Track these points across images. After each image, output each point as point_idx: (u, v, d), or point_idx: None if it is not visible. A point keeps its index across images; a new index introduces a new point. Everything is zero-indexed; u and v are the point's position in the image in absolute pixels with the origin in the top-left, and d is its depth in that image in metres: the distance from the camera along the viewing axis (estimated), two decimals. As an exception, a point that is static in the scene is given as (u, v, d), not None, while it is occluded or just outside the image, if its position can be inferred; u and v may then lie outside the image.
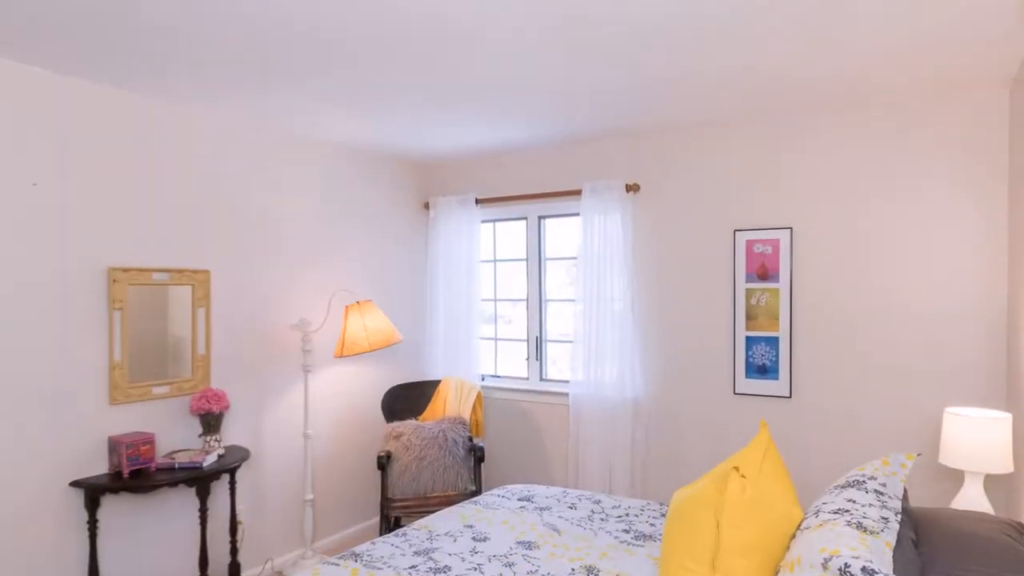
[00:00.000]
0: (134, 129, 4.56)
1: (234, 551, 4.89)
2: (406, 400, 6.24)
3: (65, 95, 4.20)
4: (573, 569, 3.42)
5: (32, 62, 3.95)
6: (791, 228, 5.24)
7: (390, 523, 5.47)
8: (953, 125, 4.70)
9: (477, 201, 6.74)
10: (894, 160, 4.88)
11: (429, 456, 5.47)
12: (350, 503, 6.29)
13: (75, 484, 4.15)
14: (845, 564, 2.25)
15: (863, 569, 2.19)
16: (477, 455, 5.65)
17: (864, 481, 3.01)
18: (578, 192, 6.12)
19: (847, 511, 2.71)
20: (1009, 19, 3.35)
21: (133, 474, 4.27)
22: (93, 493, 4.16)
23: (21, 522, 3.98)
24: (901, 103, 4.84)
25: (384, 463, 5.46)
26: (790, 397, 5.26)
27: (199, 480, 4.46)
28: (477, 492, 5.59)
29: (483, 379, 6.85)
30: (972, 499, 3.90)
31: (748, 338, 5.40)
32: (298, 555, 5.69)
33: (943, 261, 4.74)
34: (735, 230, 5.45)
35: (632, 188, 5.84)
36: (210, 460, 4.56)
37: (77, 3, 3.15)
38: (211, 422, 4.76)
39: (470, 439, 5.70)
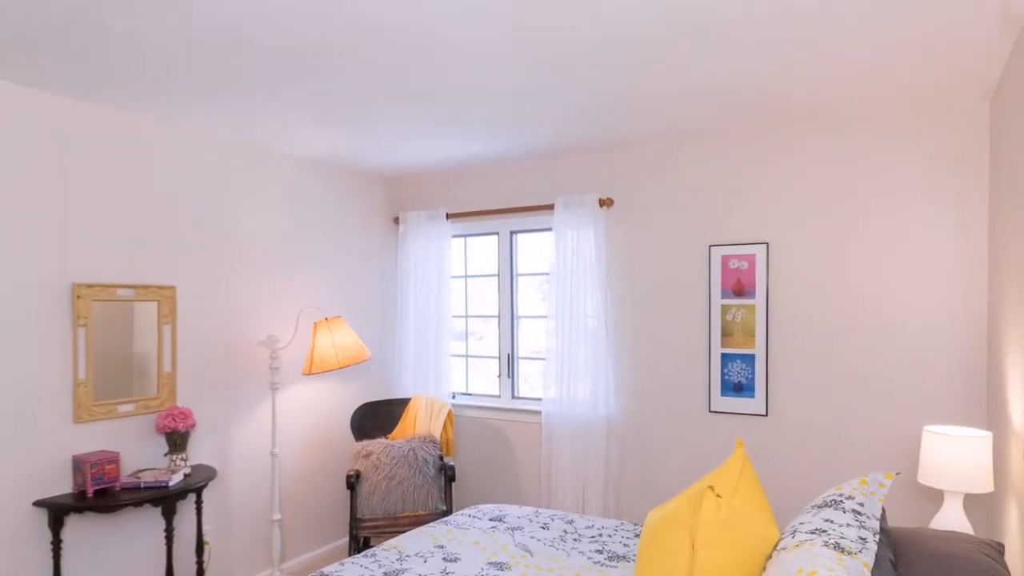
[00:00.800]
0: (99, 142, 4.58)
1: (200, 572, 4.88)
2: (376, 418, 6.26)
3: (27, 107, 4.21)
4: (548, 589, 3.44)
5: (-5, 74, 3.96)
6: (767, 243, 5.29)
7: (359, 543, 5.49)
8: (933, 138, 4.76)
9: (448, 216, 6.78)
10: (873, 173, 4.95)
11: (399, 475, 5.49)
12: (319, 523, 6.29)
13: (39, 503, 4.15)
14: (822, 584, 2.27)
15: (839, 589, 2.21)
16: (448, 474, 5.68)
17: (842, 501, 3.00)
18: (551, 207, 6.18)
19: (824, 531, 2.71)
20: (989, 31, 3.42)
21: (98, 493, 4.27)
22: (57, 513, 4.16)
23: (-19, 544, 3.97)
24: (880, 116, 4.89)
25: (353, 482, 5.48)
26: (766, 415, 5.31)
27: (165, 500, 4.46)
28: (448, 512, 5.61)
29: (454, 397, 6.89)
30: (952, 519, 3.90)
31: (724, 355, 5.46)
32: (265, 577, 5.69)
33: (922, 277, 4.80)
34: (710, 245, 5.50)
35: (606, 203, 5.91)
36: (176, 479, 4.57)
37: (39, 14, 3.17)
38: (177, 441, 4.76)
39: (441, 458, 5.73)
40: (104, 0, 3.02)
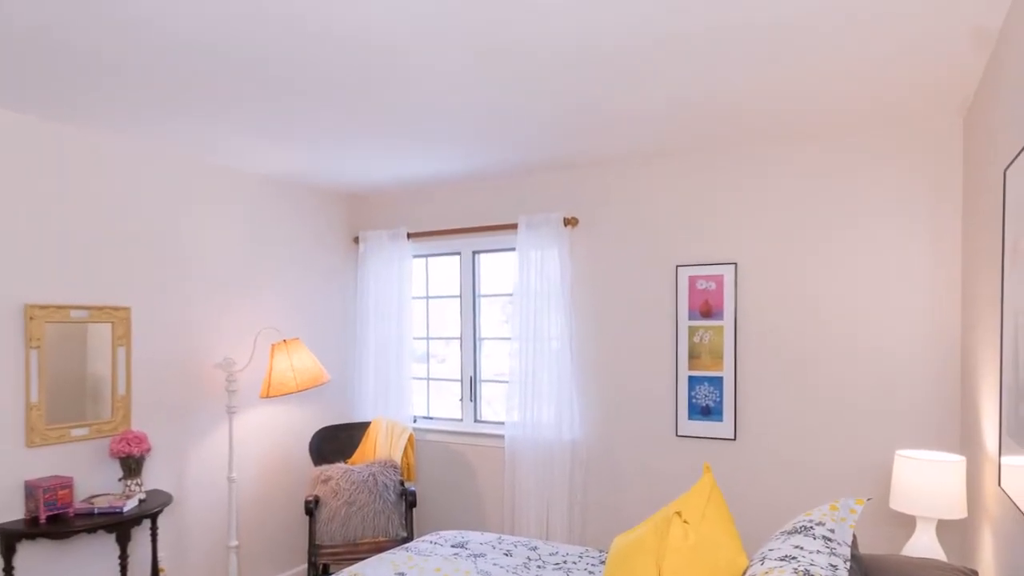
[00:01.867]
0: (51, 159, 4.65)
1: (154, 602, 4.92)
2: (335, 442, 6.35)
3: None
4: (512, 612, 3.50)
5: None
6: (735, 264, 5.40)
7: (318, 571, 5.57)
8: (905, 156, 4.84)
9: (409, 235, 6.89)
10: (844, 192, 5.04)
11: (359, 501, 5.56)
12: (277, 550, 6.35)
13: (-10, 530, 4.23)
14: (790, 610, 2.34)
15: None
16: (409, 500, 5.78)
17: (812, 527, 3.04)
18: (514, 226, 6.30)
19: (794, 558, 2.75)
20: (962, 48, 3.49)
21: (50, 520, 4.34)
22: (8, 539, 4.21)
23: (-70, 572, 4.00)
24: (851, 134, 4.98)
25: (312, 508, 5.57)
26: (735, 439, 5.40)
27: (119, 526, 4.53)
28: (409, 538, 5.71)
29: (415, 420, 6.98)
30: (924, 545, 3.93)
31: (691, 378, 5.56)
32: (219, 607, 5.71)
33: (894, 297, 4.88)
34: (677, 266, 5.61)
35: (570, 222, 6.03)
36: (131, 505, 4.64)
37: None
38: (132, 465, 4.82)
39: (401, 483, 5.82)
40: (50, 15, 3.08)
